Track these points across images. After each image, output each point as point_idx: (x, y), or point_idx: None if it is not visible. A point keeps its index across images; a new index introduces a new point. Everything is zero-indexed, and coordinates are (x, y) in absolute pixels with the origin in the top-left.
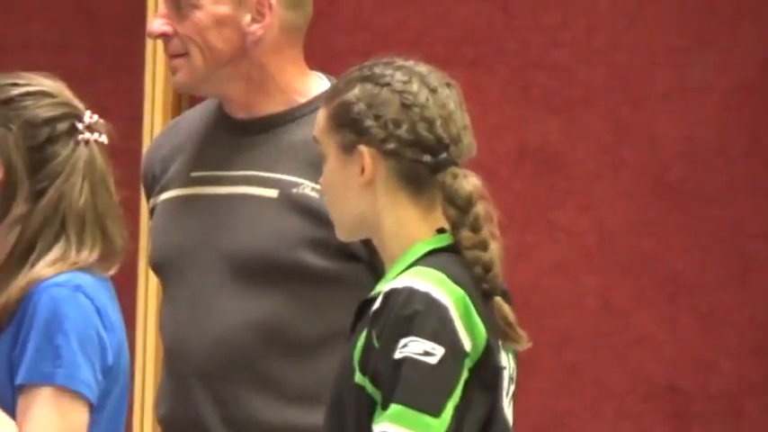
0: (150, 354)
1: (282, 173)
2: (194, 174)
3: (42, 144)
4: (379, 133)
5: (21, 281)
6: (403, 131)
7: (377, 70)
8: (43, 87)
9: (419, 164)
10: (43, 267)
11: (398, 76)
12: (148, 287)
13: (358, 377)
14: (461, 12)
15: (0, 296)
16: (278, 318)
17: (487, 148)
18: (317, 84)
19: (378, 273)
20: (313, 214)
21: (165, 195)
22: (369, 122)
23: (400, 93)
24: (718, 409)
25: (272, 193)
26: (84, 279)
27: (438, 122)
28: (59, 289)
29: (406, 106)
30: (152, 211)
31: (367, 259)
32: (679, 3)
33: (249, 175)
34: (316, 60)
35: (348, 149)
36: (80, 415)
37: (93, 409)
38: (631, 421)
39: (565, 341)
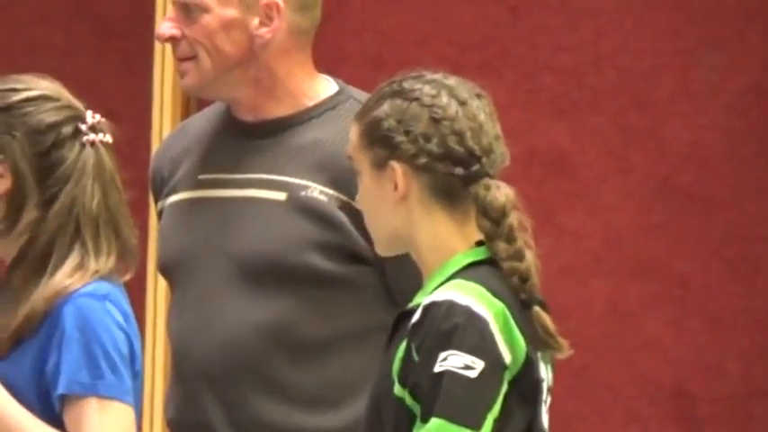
0: (159, 357)
1: (290, 176)
2: (202, 176)
3: (48, 149)
4: (410, 149)
5: (44, 292)
6: (433, 145)
7: (406, 85)
8: (43, 91)
9: (451, 177)
10: (65, 277)
11: (427, 89)
12: (157, 290)
13: (397, 389)
14: (468, 15)
15: (22, 306)
16: (285, 320)
17: None
18: (325, 87)
19: (385, 275)
20: (321, 217)
21: (173, 198)
22: (399, 138)
23: (429, 107)
24: (725, 412)
25: (281, 195)
26: (108, 288)
27: (468, 134)
28: (88, 299)
29: (435, 120)
30: (160, 214)
31: (374, 262)
32: (685, 5)
33: (257, 178)
34: (324, 63)
35: (381, 166)
36: (129, 420)
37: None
38: (639, 425)
39: (572, 345)
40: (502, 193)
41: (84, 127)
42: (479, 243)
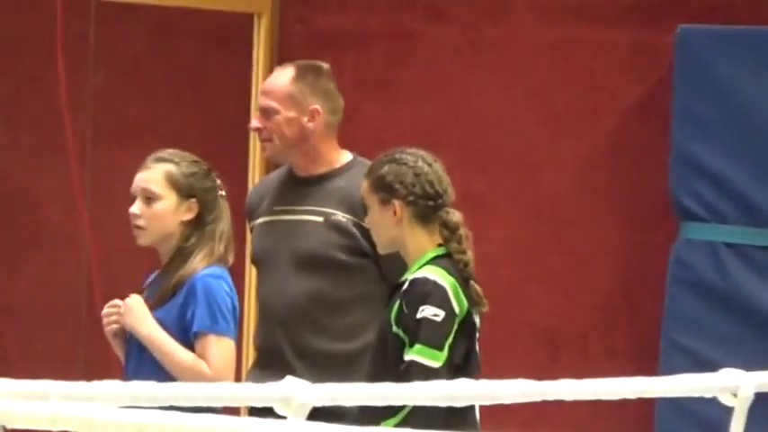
0: (253, 310)
1: (325, 207)
2: (275, 207)
3: (211, 199)
4: (404, 192)
5: (186, 270)
6: (417, 189)
7: (396, 156)
8: (203, 166)
9: (426, 207)
10: (197, 263)
11: (409, 158)
12: (252, 274)
13: (395, 328)
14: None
15: (175, 275)
16: (322, 290)
17: None
18: (346, 156)
19: (380, 264)
20: (342, 231)
21: (259, 220)
22: (396, 186)
23: (412, 167)
24: None
25: (320, 219)
26: (220, 270)
27: (435, 182)
28: (209, 277)
29: (416, 175)
30: (251, 229)
31: (373, 256)
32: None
33: (306, 209)
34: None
35: (385, 203)
36: (232, 346)
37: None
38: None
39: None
40: (456, 215)
41: (219, 184)
42: (440, 245)
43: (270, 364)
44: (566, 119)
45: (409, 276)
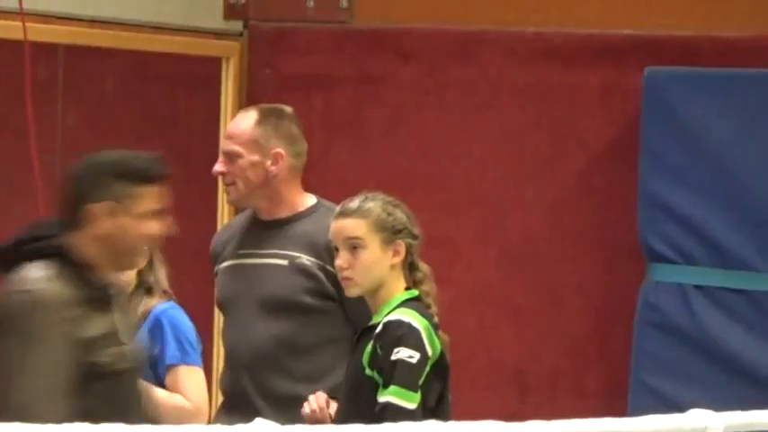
0: (220, 354)
1: (289, 250)
2: (240, 251)
3: None
4: (405, 233)
5: (146, 306)
6: (415, 231)
7: (383, 197)
8: None
9: (413, 248)
10: (156, 300)
11: (394, 200)
12: (218, 316)
13: (368, 371)
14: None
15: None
16: (288, 333)
17: None
18: (310, 199)
19: (345, 307)
20: (307, 274)
21: (224, 264)
22: (399, 227)
23: (402, 209)
24: None
25: (284, 262)
26: (175, 304)
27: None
28: (171, 311)
29: (408, 217)
30: (216, 274)
31: (338, 299)
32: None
33: (270, 252)
34: (306, 186)
35: (389, 243)
36: (202, 375)
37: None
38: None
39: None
40: (424, 265)
41: None
42: (407, 288)
43: (236, 407)
44: (534, 160)
45: (383, 319)
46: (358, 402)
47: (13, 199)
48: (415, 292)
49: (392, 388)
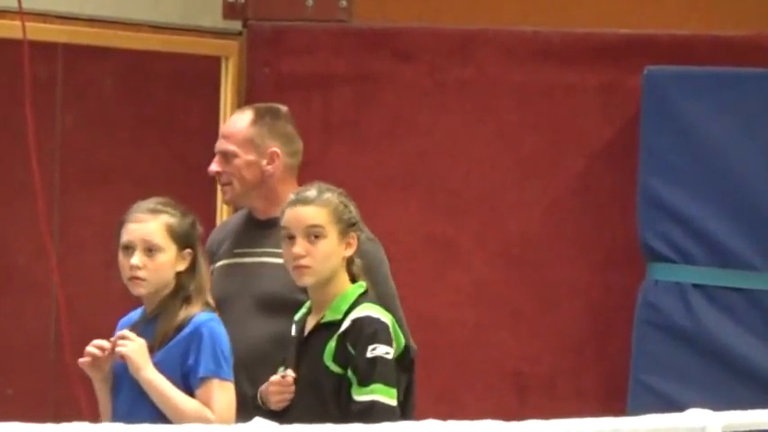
0: None
1: None
2: (235, 250)
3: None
4: (357, 227)
5: (185, 315)
6: (361, 226)
7: (338, 189)
8: (192, 215)
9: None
10: (194, 306)
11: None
12: None
13: (333, 367)
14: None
15: (173, 320)
16: (284, 331)
17: None
18: None
19: None
20: None
21: (219, 263)
22: (354, 221)
23: (350, 201)
24: None
25: (280, 260)
26: (215, 315)
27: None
28: (212, 323)
29: (354, 209)
30: (212, 273)
31: None
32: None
33: (266, 251)
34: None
35: (345, 234)
36: (233, 391)
37: None
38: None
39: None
40: (358, 259)
41: (200, 229)
42: (353, 281)
43: None
44: (533, 161)
45: (343, 316)
46: (321, 399)
47: (11, 197)
48: (364, 285)
49: (376, 386)
